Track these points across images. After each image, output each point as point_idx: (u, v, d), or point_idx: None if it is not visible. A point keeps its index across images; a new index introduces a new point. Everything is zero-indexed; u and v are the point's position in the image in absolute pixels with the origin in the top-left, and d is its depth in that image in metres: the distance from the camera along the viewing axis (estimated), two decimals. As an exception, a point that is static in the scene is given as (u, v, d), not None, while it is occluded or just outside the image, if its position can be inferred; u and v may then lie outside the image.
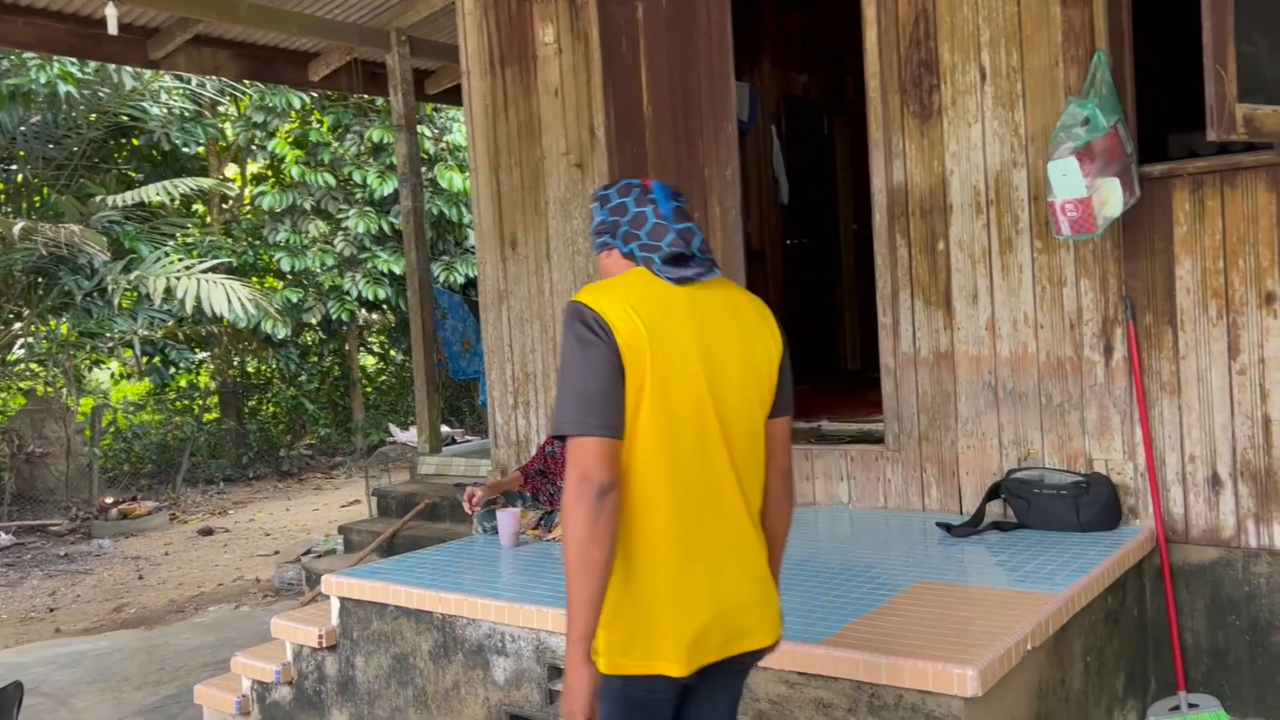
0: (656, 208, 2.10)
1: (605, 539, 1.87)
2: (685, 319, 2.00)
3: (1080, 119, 3.46)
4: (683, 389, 1.97)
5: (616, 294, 1.99)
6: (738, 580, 2.03)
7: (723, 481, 2.02)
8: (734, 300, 2.13)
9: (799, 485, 4.56)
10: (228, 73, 7.57)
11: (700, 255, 2.08)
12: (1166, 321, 3.72)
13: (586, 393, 1.91)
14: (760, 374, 2.09)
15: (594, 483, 1.87)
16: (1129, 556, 3.55)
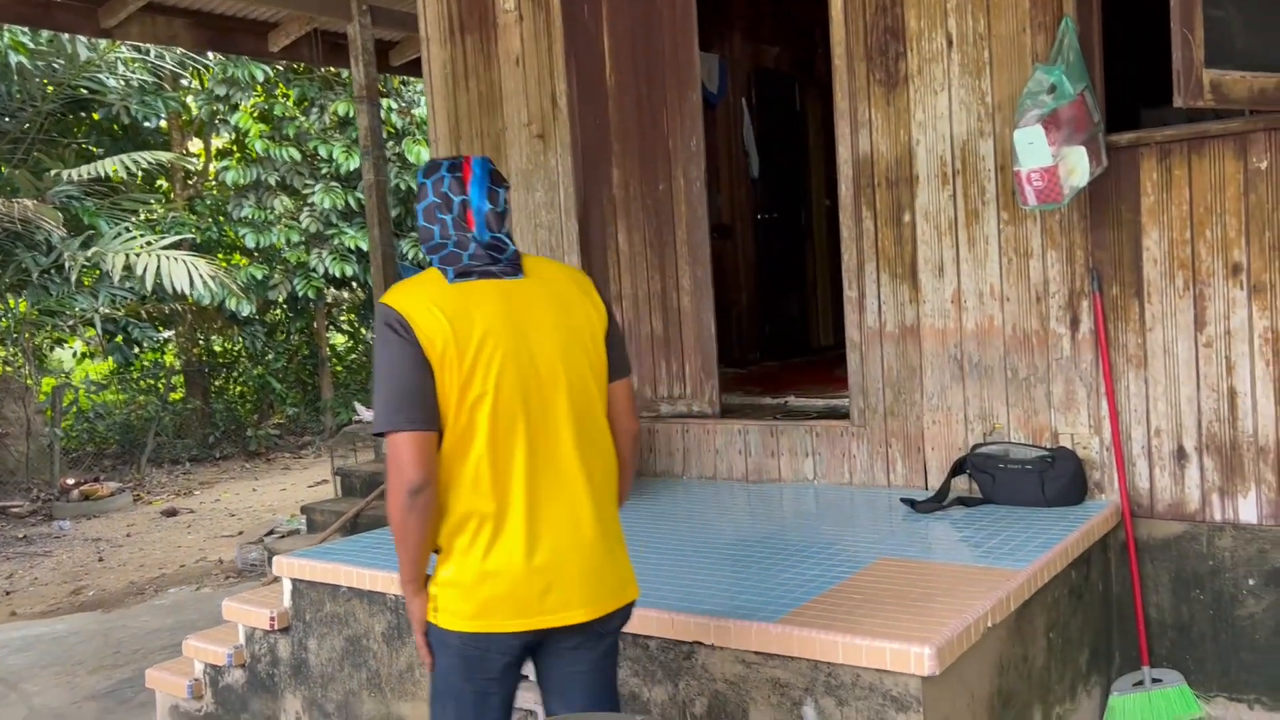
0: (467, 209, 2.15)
1: (420, 527, 2.06)
2: (493, 305, 2.09)
3: (1046, 86, 3.38)
4: (497, 372, 2.06)
5: (420, 291, 2.10)
6: (574, 549, 2.12)
7: (557, 454, 2.12)
8: (546, 276, 2.21)
9: (765, 461, 4.49)
10: (184, 42, 7.38)
11: (502, 261, 2.15)
12: (1133, 293, 3.67)
13: (395, 390, 2.04)
14: (585, 344, 2.18)
15: (407, 480, 2.03)
16: (1093, 531, 3.51)
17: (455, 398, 2.05)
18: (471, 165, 2.20)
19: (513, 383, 2.08)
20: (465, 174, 2.18)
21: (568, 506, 2.13)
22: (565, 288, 2.21)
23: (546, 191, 5.07)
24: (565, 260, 5.03)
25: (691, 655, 2.81)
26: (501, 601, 2.07)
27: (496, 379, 2.07)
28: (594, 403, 2.19)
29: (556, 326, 2.15)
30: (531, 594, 2.08)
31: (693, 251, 4.76)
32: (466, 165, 2.20)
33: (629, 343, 4.98)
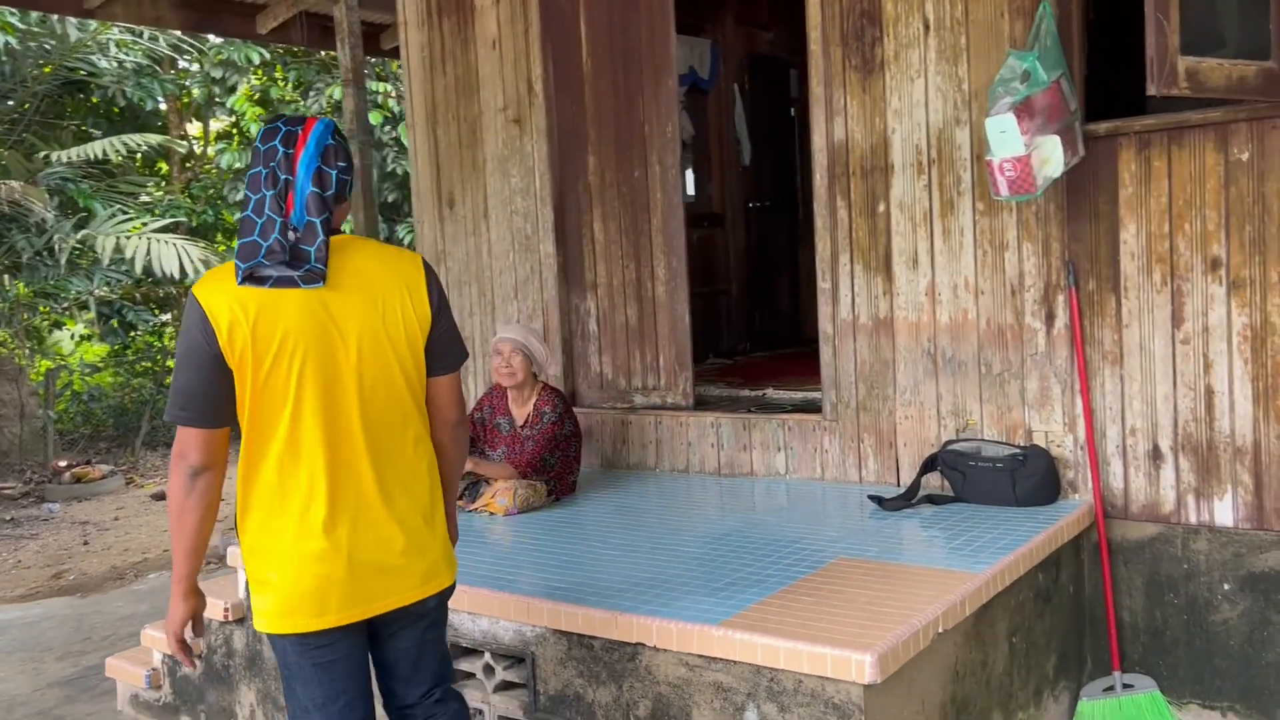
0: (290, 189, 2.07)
1: (196, 510, 2.09)
2: (297, 307, 2.06)
3: (1019, 72, 3.28)
4: (298, 376, 2.05)
5: (228, 288, 2.05)
6: (373, 543, 2.15)
7: (353, 450, 2.12)
8: (362, 273, 2.14)
9: (737, 455, 4.41)
10: (169, 23, 7.29)
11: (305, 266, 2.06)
12: (1110, 288, 3.56)
13: (183, 387, 2.07)
14: (398, 339, 2.15)
15: (187, 463, 2.08)
16: (1064, 532, 3.41)
17: (253, 401, 2.05)
18: (308, 137, 2.09)
19: (314, 388, 2.07)
20: (298, 148, 2.08)
21: (366, 508, 2.14)
22: (381, 287, 2.15)
23: (522, 178, 4.98)
24: (540, 248, 4.95)
25: (635, 656, 2.73)
26: (312, 599, 2.11)
27: (297, 384, 2.06)
28: (403, 399, 2.19)
29: (365, 331, 2.12)
30: (340, 589, 2.12)
31: (668, 240, 4.66)
32: (303, 135, 2.09)
33: (604, 333, 4.90)
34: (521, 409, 4.25)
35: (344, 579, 2.11)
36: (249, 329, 2.03)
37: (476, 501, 4.05)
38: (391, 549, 2.17)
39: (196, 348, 2.04)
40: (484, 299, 5.20)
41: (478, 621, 3.04)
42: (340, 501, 2.11)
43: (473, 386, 5.30)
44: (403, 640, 2.28)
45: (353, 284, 2.12)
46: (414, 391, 2.21)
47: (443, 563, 2.29)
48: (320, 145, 2.10)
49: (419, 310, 2.19)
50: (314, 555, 2.09)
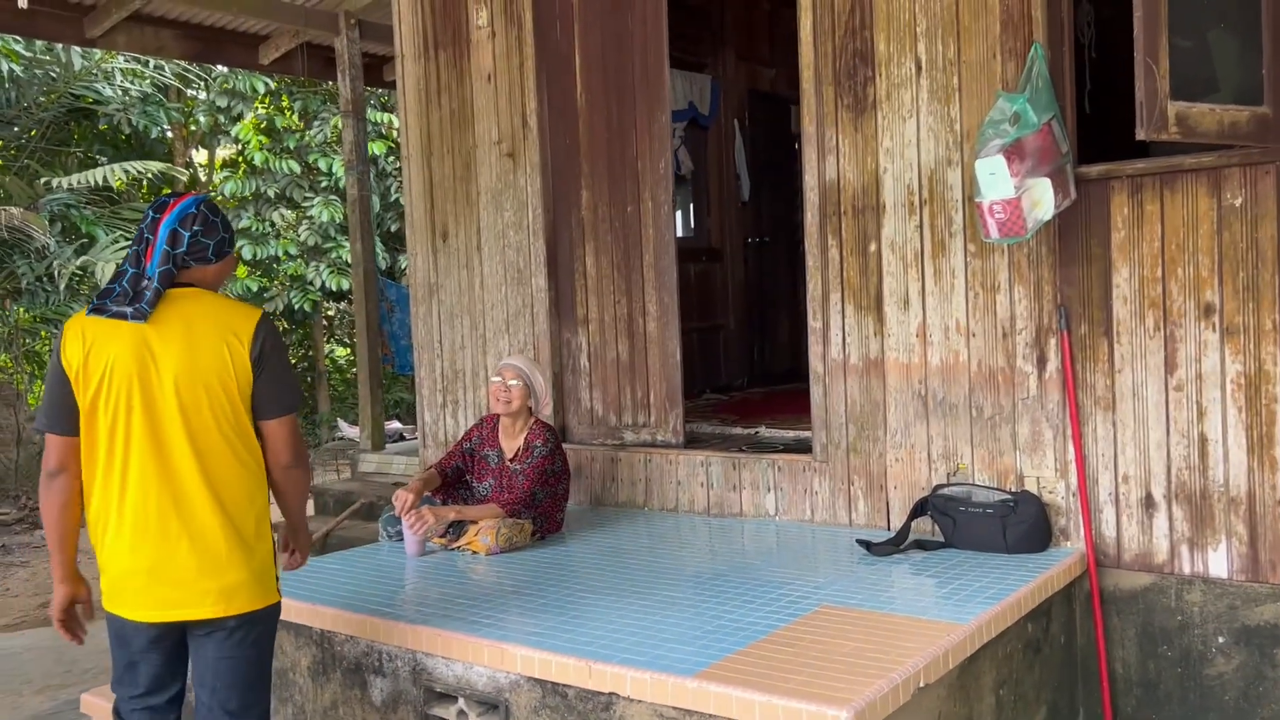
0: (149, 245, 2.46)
1: (54, 506, 2.47)
2: (124, 342, 2.41)
3: (1010, 114, 3.25)
4: (118, 397, 2.39)
5: (80, 319, 2.46)
6: (179, 556, 2.40)
7: (167, 473, 2.40)
8: (187, 318, 2.45)
9: (726, 495, 4.35)
10: (172, 53, 7.34)
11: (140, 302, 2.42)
12: (1102, 332, 3.51)
13: (46, 395, 2.47)
14: (211, 380, 2.42)
15: (47, 465, 2.46)
16: (1054, 581, 3.34)
17: (85, 416, 2.41)
18: (175, 207, 2.49)
19: (134, 413, 2.40)
20: (165, 214, 2.49)
21: (171, 523, 2.41)
22: (200, 332, 2.44)
23: (515, 211, 4.96)
24: (532, 281, 4.92)
25: (610, 706, 2.66)
26: (116, 591, 2.44)
27: (114, 409, 2.39)
28: (220, 435, 2.43)
29: (180, 369, 2.41)
30: (135, 590, 2.42)
31: (660, 276, 4.63)
32: (172, 205, 2.50)
33: (594, 369, 4.86)
34: (511, 441, 4.20)
35: (141, 586, 2.42)
36: (84, 353, 2.41)
37: (460, 540, 3.99)
38: (188, 565, 2.41)
39: (54, 365, 2.45)
40: (476, 332, 5.17)
41: (451, 666, 2.98)
42: (147, 516, 2.40)
43: (462, 419, 5.26)
44: (208, 651, 2.50)
45: (176, 327, 2.44)
46: (234, 427, 2.45)
47: (248, 587, 2.48)
48: (182, 213, 2.48)
49: (237, 358, 2.44)
50: (121, 557, 2.42)
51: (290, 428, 2.52)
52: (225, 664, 2.50)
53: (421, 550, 3.93)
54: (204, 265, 2.53)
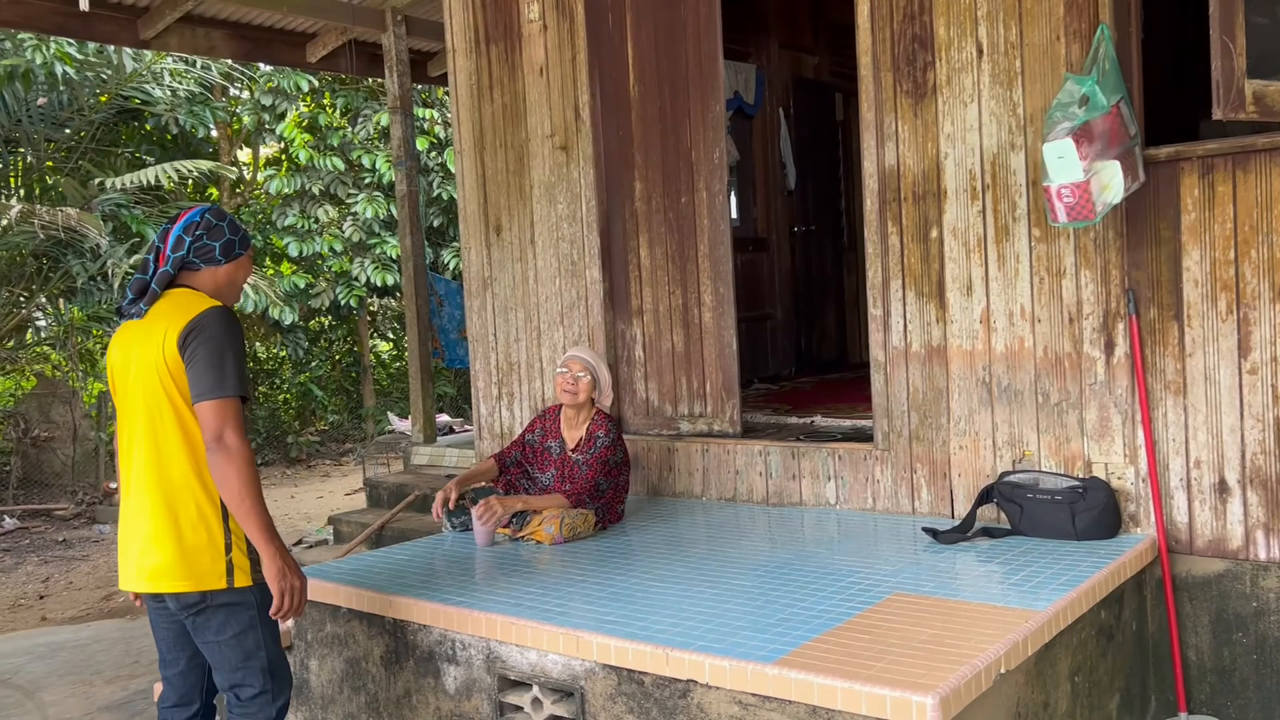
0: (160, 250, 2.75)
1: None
2: (124, 340, 2.77)
3: (1078, 97, 3.21)
4: (116, 390, 2.79)
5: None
6: (139, 535, 2.69)
7: (140, 456, 2.69)
8: (155, 313, 2.70)
9: (786, 484, 4.35)
10: (222, 53, 7.42)
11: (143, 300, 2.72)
12: (1172, 316, 3.46)
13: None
14: (154, 372, 2.66)
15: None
16: (1126, 568, 3.31)
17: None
18: (184, 217, 2.77)
19: (122, 404, 2.76)
20: (175, 223, 2.77)
21: (138, 503, 2.70)
22: (157, 326, 2.66)
23: (569, 204, 4.98)
24: (586, 274, 4.94)
25: (687, 694, 2.68)
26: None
27: (116, 398, 2.79)
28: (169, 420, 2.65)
29: (139, 358, 2.69)
30: (121, 561, 2.76)
31: (715, 266, 4.63)
32: (181, 216, 2.78)
33: (649, 359, 4.87)
34: (573, 432, 4.23)
35: (121, 557, 2.77)
36: (109, 356, 2.83)
37: (523, 530, 4.02)
38: (139, 541, 2.69)
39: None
40: (530, 324, 5.19)
41: (526, 654, 3.01)
42: (129, 496, 2.73)
43: (517, 411, 5.30)
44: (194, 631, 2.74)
45: (148, 323, 2.70)
46: (175, 414, 2.65)
47: (173, 570, 2.64)
48: (188, 221, 2.75)
49: (168, 348, 2.64)
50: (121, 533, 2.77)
51: (210, 411, 2.58)
52: (205, 646, 2.74)
53: (490, 540, 3.96)
54: (213, 266, 2.77)
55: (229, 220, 2.80)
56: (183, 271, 2.76)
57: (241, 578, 2.67)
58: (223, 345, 2.62)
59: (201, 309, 2.65)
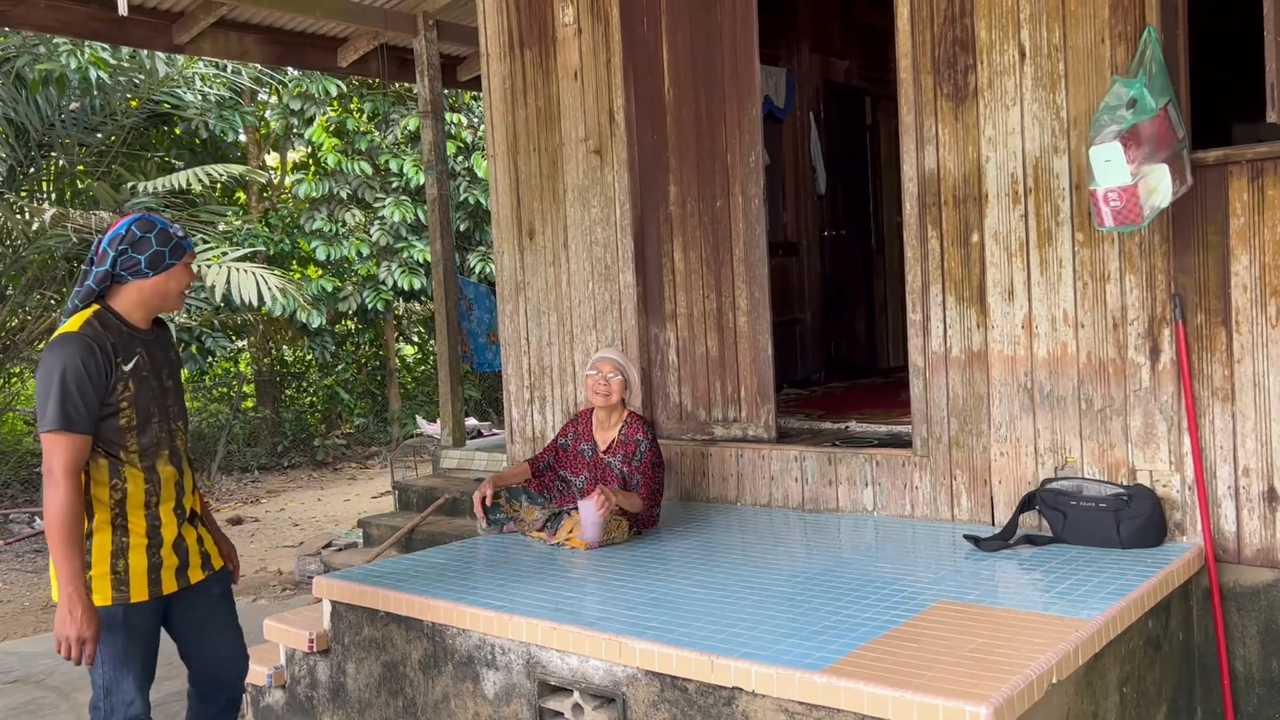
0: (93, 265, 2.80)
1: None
2: None
3: (1126, 100, 3.17)
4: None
5: None
6: None
7: None
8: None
9: (822, 490, 4.31)
10: (255, 57, 7.47)
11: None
12: (1220, 321, 3.41)
13: None
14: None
15: None
16: (1174, 577, 3.26)
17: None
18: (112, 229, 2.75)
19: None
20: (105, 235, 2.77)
21: None
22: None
23: (603, 208, 4.97)
24: (619, 278, 4.93)
25: (732, 701, 2.65)
26: None
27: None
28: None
29: None
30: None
31: (750, 270, 4.61)
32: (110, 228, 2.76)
33: (683, 364, 4.85)
34: (605, 434, 4.21)
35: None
36: None
37: (558, 534, 4.01)
38: None
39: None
40: (563, 328, 5.19)
41: (566, 659, 2.99)
42: None
43: (549, 415, 5.29)
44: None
45: None
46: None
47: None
48: (114, 233, 2.73)
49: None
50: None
51: (43, 443, 2.62)
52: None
53: (601, 534, 3.89)
54: (140, 279, 2.74)
55: (158, 231, 2.75)
56: (112, 284, 2.75)
57: (99, 597, 2.71)
58: (49, 377, 2.62)
59: (55, 337, 2.68)
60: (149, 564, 2.77)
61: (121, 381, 2.71)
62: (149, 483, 2.77)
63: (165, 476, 2.81)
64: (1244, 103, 4.16)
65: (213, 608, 2.99)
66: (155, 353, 2.86)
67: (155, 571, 2.79)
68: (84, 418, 2.63)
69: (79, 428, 2.62)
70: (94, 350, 2.65)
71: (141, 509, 2.76)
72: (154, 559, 2.79)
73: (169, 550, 2.82)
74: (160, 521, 2.80)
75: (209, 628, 2.99)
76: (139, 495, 2.76)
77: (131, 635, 2.77)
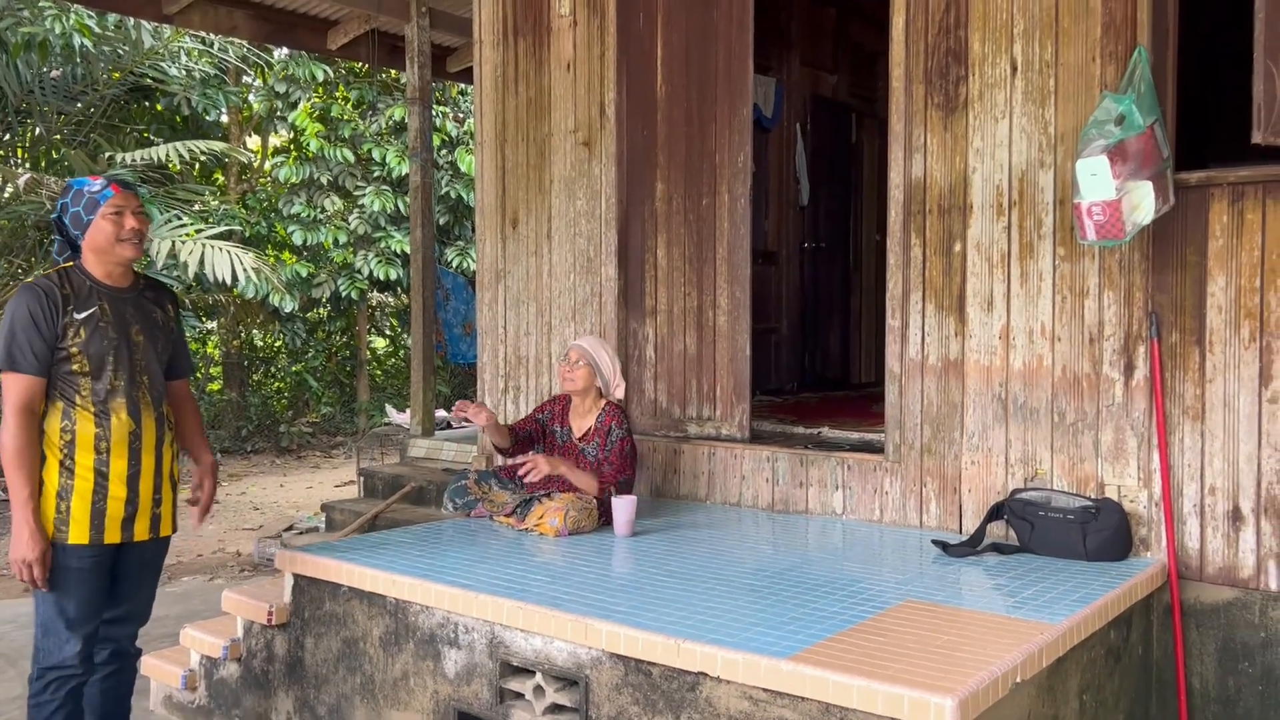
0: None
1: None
2: None
3: (1115, 115, 3.21)
4: None
5: None
6: None
7: None
8: None
9: (792, 491, 4.32)
10: (244, 33, 7.41)
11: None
12: (1194, 341, 3.46)
13: None
14: None
15: None
16: (1136, 590, 3.29)
17: None
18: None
19: None
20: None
21: None
22: None
23: (588, 200, 4.97)
24: (601, 271, 4.92)
25: (696, 686, 2.64)
26: None
27: None
28: None
29: None
30: None
31: (732, 270, 4.62)
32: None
33: (660, 360, 4.85)
34: (580, 421, 4.20)
35: None
36: None
37: (526, 520, 3.98)
38: None
39: None
40: (541, 319, 5.17)
41: (530, 640, 2.97)
42: None
43: (523, 404, 5.26)
44: None
45: None
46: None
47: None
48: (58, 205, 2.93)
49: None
50: None
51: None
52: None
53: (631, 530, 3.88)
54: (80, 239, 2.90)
55: (74, 193, 2.91)
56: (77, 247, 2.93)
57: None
58: (3, 321, 2.80)
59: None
60: (92, 508, 2.83)
61: (73, 328, 2.81)
62: (99, 428, 2.84)
63: (118, 424, 2.86)
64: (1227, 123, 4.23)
65: (142, 566, 3.07)
66: (126, 307, 2.96)
67: (99, 518, 2.84)
68: (29, 360, 2.78)
69: (24, 368, 2.78)
70: (41, 297, 2.82)
71: (90, 452, 2.83)
72: (98, 504, 2.83)
73: (115, 500, 2.86)
74: (109, 469, 2.85)
75: (126, 582, 3.03)
76: (88, 439, 2.83)
77: (66, 575, 2.82)
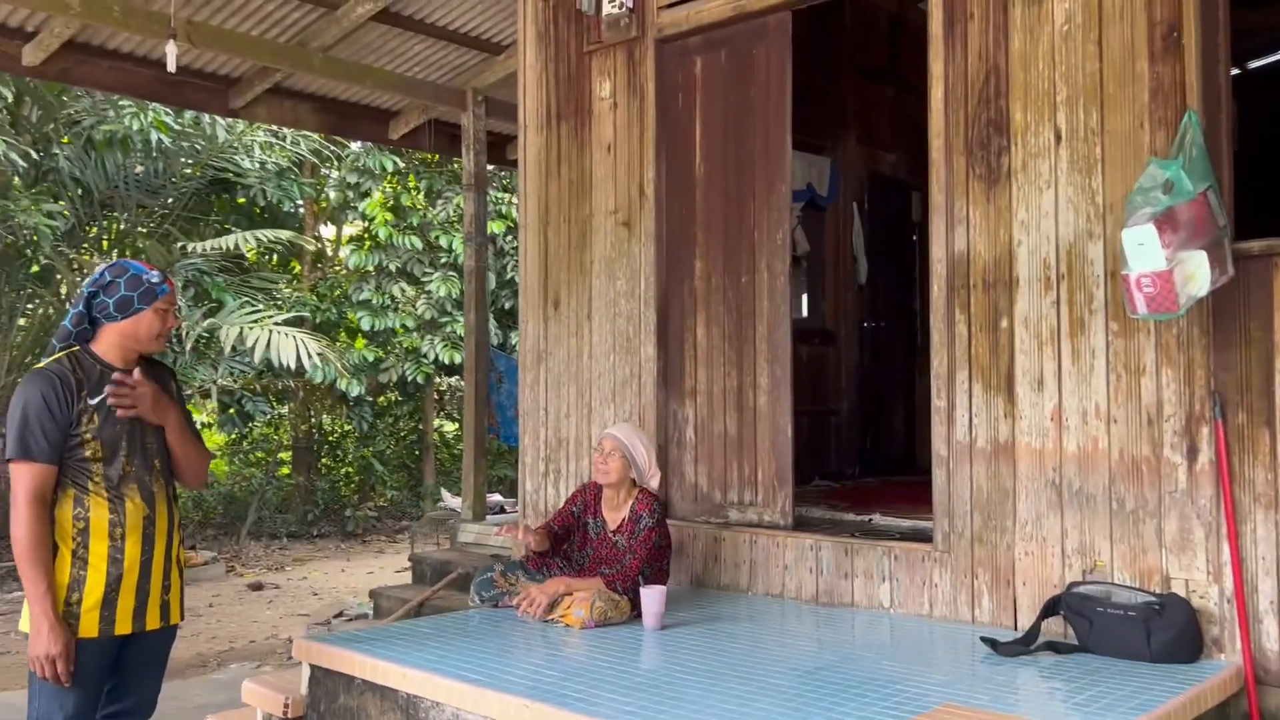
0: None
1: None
2: None
3: (1161, 181, 3.03)
4: None
5: None
6: None
7: None
8: None
9: (837, 582, 4.09)
10: (308, 125, 7.64)
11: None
12: (1263, 422, 3.19)
13: None
14: None
15: None
16: (1208, 696, 2.98)
17: None
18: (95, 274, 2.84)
19: None
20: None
21: None
22: None
23: (628, 280, 4.90)
24: (640, 351, 4.82)
25: (706, 798, 2.44)
26: None
27: None
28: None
29: None
30: None
31: (773, 349, 4.47)
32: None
33: (700, 442, 4.70)
34: (614, 513, 4.06)
35: None
36: None
37: (554, 611, 3.83)
38: None
39: None
40: (581, 400, 5.07)
41: (539, 741, 2.79)
42: None
43: (563, 488, 5.14)
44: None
45: None
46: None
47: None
48: (94, 279, 2.82)
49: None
50: None
51: (10, 470, 2.68)
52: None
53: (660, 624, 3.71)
54: (111, 321, 2.80)
55: (129, 276, 2.81)
56: (92, 327, 2.83)
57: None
58: (15, 409, 2.70)
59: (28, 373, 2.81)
60: (104, 598, 2.72)
61: (86, 414, 2.74)
62: (114, 513, 2.76)
63: (133, 509, 2.79)
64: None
65: (149, 657, 2.95)
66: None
67: (110, 609, 2.74)
68: (43, 447, 2.68)
69: (38, 456, 2.67)
70: (55, 384, 2.71)
71: (105, 540, 2.74)
72: (110, 594, 2.73)
73: (128, 589, 2.76)
74: (124, 555, 2.76)
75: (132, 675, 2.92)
76: (102, 526, 2.74)
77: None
